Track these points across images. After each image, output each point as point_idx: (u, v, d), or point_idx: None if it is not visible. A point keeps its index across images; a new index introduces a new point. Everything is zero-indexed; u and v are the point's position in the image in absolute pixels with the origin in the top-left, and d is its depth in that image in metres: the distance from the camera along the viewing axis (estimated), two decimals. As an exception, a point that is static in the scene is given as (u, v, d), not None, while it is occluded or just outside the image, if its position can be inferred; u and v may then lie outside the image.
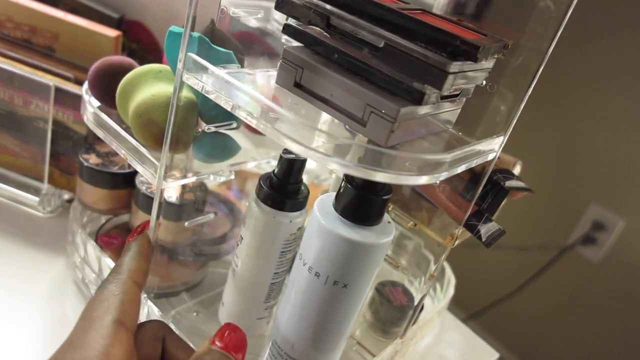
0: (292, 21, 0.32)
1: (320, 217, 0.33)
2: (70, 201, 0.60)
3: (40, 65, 0.54)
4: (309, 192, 0.40)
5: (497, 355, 0.61)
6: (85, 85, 0.43)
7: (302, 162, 0.38)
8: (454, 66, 0.27)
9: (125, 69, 0.40)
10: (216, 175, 0.41)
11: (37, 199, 0.56)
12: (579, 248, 1.24)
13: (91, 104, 0.43)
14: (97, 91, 0.42)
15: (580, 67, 1.16)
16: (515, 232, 1.32)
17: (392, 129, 0.28)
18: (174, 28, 0.36)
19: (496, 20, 0.39)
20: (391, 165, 0.27)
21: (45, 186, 0.57)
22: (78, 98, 0.53)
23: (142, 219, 0.47)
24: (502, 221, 0.46)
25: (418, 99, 0.28)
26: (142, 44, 0.61)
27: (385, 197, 0.33)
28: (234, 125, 0.39)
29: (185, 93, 0.34)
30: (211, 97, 0.32)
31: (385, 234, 0.33)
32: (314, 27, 0.32)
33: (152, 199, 0.38)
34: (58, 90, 0.52)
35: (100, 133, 0.41)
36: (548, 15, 0.34)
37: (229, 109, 0.31)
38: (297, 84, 0.31)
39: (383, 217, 0.34)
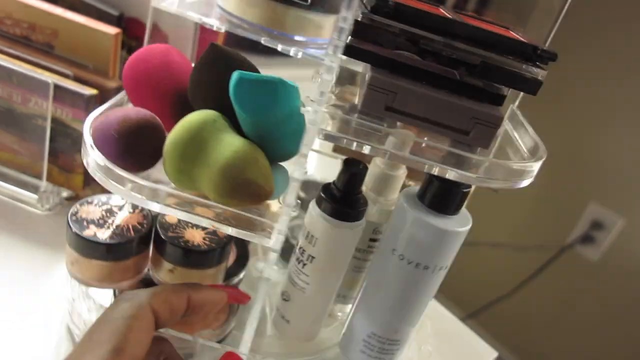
0: (375, 48, 0.33)
1: (412, 211, 0.37)
2: (69, 199, 0.60)
3: (39, 63, 0.54)
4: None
5: (495, 354, 0.61)
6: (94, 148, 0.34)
7: (365, 172, 0.40)
8: (543, 73, 0.33)
9: (154, 126, 0.35)
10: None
11: (35, 196, 0.56)
12: (577, 247, 1.24)
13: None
14: (127, 158, 0.34)
15: (579, 66, 1.16)
16: (514, 231, 1.33)
17: (495, 134, 0.33)
18: (244, 74, 0.30)
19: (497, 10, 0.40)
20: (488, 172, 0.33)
21: (43, 184, 0.57)
22: (77, 95, 0.53)
23: (181, 275, 0.40)
24: (501, 220, 0.46)
25: (500, 102, 0.34)
26: (141, 41, 0.61)
27: (465, 190, 0.37)
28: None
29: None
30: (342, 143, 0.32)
31: (466, 222, 0.38)
32: (402, 52, 0.33)
33: (187, 249, 0.38)
34: (57, 87, 0.52)
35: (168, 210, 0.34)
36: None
37: (366, 152, 0.32)
38: (389, 107, 0.33)
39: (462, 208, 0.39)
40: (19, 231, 0.54)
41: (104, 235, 0.38)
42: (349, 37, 0.32)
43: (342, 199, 0.39)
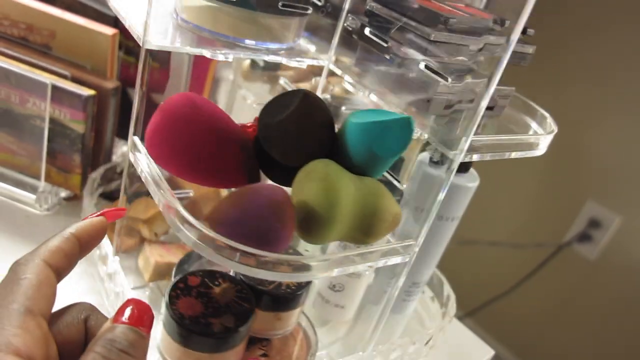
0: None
1: (433, 171, 0.45)
2: (67, 199, 0.60)
3: (36, 63, 0.54)
4: None
5: (492, 352, 0.61)
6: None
7: None
8: None
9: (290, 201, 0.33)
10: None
11: (34, 196, 0.56)
12: (575, 245, 1.24)
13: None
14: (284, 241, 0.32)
15: (577, 65, 1.16)
16: (512, 229, 1.33)
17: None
18: (381, 117, 0.34)
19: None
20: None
21: (42, 184, 0.57)
22: (75, 96, 0.53)
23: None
24: (499, 219, 0.47)
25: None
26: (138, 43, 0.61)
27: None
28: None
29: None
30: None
31: (475, 180, 0.48)
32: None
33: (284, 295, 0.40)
34: (55, 88, 0.52)
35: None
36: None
37: None
38: (448, 106, 0.39)
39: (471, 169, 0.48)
40: (17, 231, 0.54)
41: (213, 324, 0.36)
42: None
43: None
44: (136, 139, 0.41)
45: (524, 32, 0.38)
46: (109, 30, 0.55)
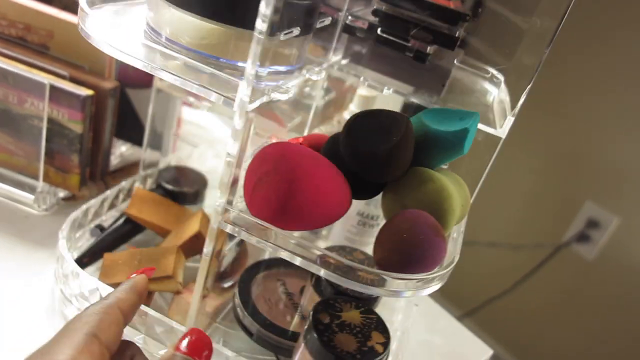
0: None
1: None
2: (65, 199, 0.60)
3: (34, 63, 0.54)
4: None
5: (490, 352, 0.61)
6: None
7: None
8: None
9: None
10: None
11: (32, 196, 0.56)
12: (573, 246, 1.24)
13: None
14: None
15: (576, 66, 1.16)
16: (511, 229, 1.33)
17: None
18: (470, 126, 0.38)
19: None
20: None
21: (40, 184, 0.57)
22: (73, 96, 0.52)
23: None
24: (497, 218, 0.47)
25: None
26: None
27: None
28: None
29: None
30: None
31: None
32: None
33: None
34: (53, 88, 0.52)
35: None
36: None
37: None
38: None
39: None
40: (15, 231, 0.54)
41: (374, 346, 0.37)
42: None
43: None
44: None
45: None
46: (107, 30, 0.55)
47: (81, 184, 0.58)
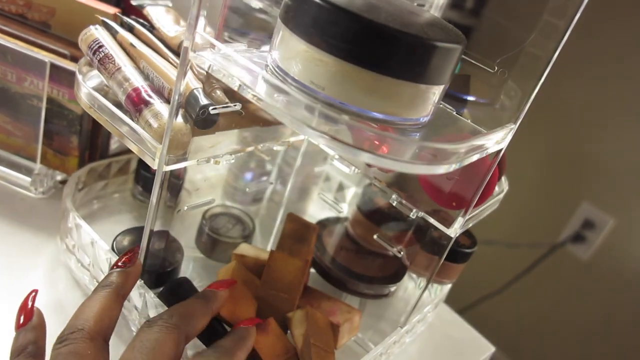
0: None
1: None
2: (63, 182, 0.58)
3: (35, 41, 0.53)
4: None
5: (493, 349, 0.61)
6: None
7: None
8: None
9: None
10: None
11: (29, 179, 0.55)
12: (569, 246, 1.24)
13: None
14: None
15: (575, 66, 1.16)
16: (506, 229, 1.33)
17: None
18: None
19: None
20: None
21: (37, 166, 0.55)
22: (74, 76, 0.51)
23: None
24: (495, 218, 0.47)
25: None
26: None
27: None
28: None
29: None
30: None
31: None
32: None
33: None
34: (53, 67, 0.51)
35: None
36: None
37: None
38: None
39: None
40: (11, 214, 0.52)
41: None
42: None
43: None
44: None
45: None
46: (109, 9, 0.53)
47: (80, 167, 0.56)
